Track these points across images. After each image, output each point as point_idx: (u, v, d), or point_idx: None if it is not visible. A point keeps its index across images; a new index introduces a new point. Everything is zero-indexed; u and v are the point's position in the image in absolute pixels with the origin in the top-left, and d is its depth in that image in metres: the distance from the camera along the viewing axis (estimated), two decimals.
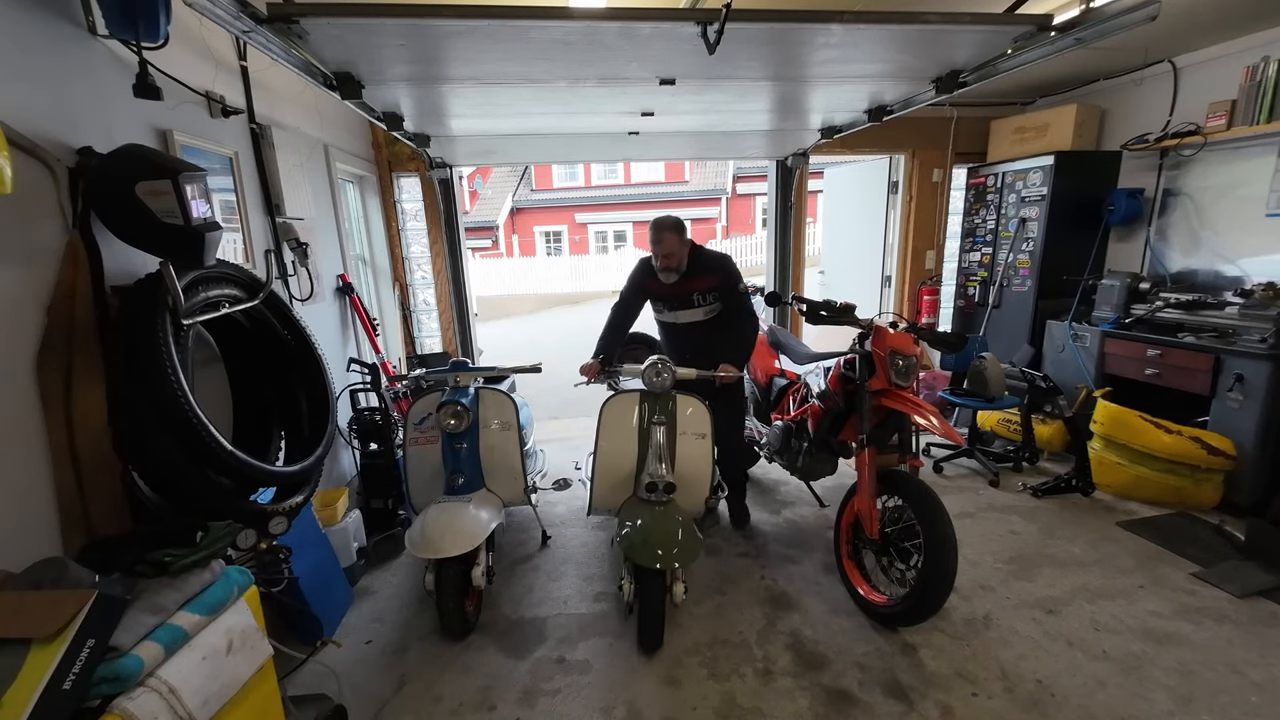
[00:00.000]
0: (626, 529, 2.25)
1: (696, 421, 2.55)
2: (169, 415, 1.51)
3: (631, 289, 3.02)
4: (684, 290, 2.90)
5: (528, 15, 1.76)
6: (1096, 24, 1.85)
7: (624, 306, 3.02)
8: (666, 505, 2.31)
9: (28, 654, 0.99)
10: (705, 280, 2.88)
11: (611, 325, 3.01)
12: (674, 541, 2.17)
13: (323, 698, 1.93)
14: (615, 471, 2.52)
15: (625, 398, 2.57)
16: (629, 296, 3.02)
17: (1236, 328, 3.15)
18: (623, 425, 2.54)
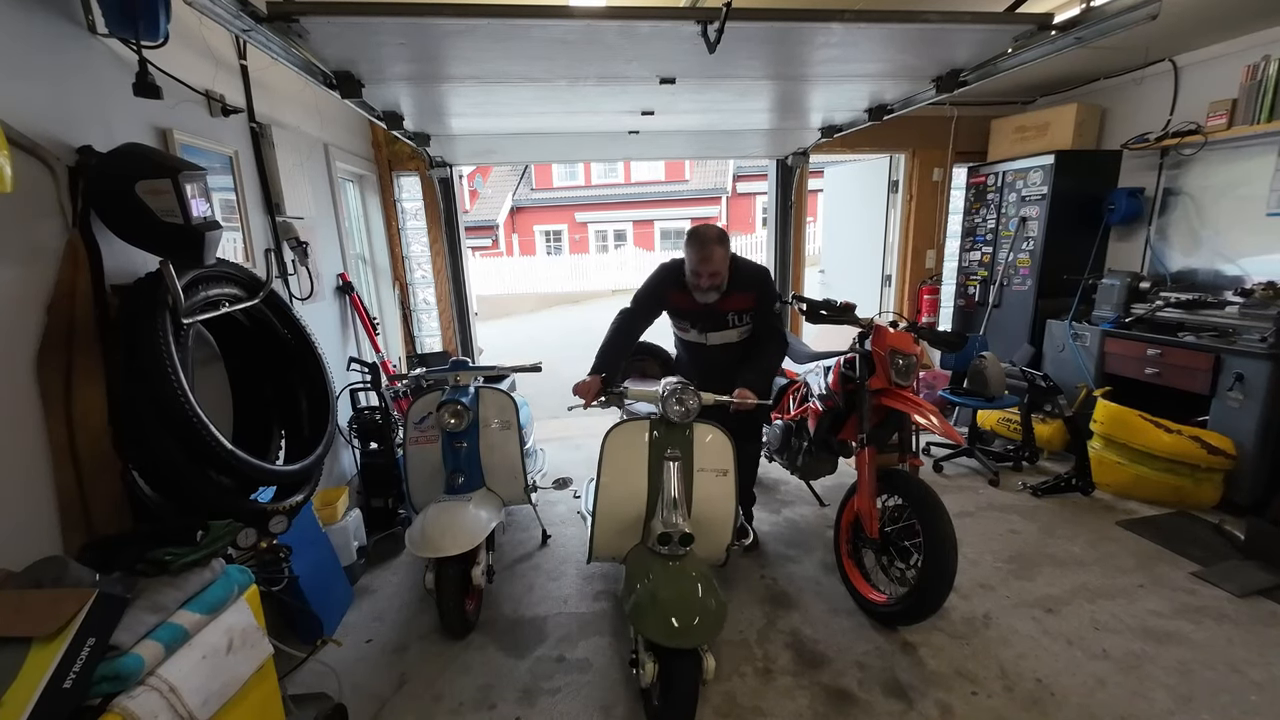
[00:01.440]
0: (635, 591, 1.86)
1: (717, 454, 2.13)
2: (169, 414, 1.51)
3: (649, 299, 2.56)
4: (719, 309, 2.50)
5: (528, 14, 1.75)
6: (1097, 23, 1.85)
7: (634, 317, 2.55)
8: (683, 560, 1.91)
9: (28, 653, 0.99)
10: (742, 298, 2.49)
11: (616, 337, 2.51)
12: (694, 608, 1.75)
13: (323, 696, 1.93)
14: (620, 514, 2.10)
15: (632, 426, 2.14)
16: (644, 306, 2.56)
17: (1237, 327, 3.15)
18: (629, 459, 2.10)
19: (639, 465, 2.10)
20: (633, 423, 2.16)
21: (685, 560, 1.92)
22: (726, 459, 2.13)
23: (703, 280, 2.37)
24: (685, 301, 2.51)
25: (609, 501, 2.11)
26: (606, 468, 2.13)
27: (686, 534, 1.89)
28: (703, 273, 2.35)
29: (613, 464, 2.13)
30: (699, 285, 2.39)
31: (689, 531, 1.90)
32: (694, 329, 2.61)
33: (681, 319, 2.63)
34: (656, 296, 2.56)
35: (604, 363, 2.44)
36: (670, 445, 2.05)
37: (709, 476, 2.11)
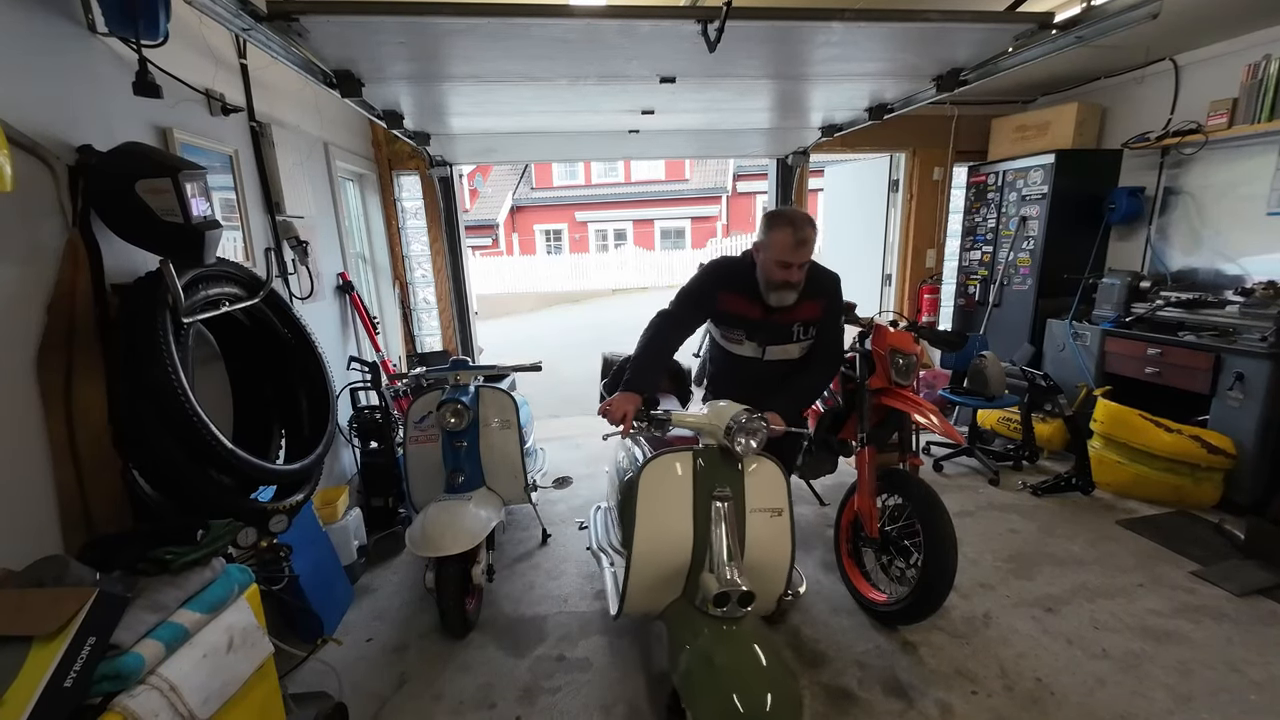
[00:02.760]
0: (686, 664, 1.54)
1: (771, 491, 1.80)
2: (169, 413, 1.51)
3: (696, 301, 2.15)
4: (785, 319, 2.12)
5: (528, 13, 1.75)
6: (1098, 22, 1.85)
7: (676, 322, 2.12)
8: (741, 623, 1.58)
9: (29, 652, 1.00)
10: (811, 306, 2.12)
11: (653, 346, 2.07)
12: (762, 685, 1.41)
13: (323, 695, 1.93)
14: (660, 564, 1.75)
15: (672, 459, 1.79)
16: (689, 310, 2.16)
17: (1237, 326, 3.15)
18: (670, 498, 1.75)
19: (682, 506, 1.74)
20: (673, 454, 1.79)
21: (744, 623, 1.58)
22: (781, 496, 1.80)
23: (792, 275, 1.97)
24: (742, 306, 2.11)
25: (647, 549, 1.74)
26: (644, 508, 1.75)
27: (748, 593, 1.55)
28: (794, 264, 1.95)
29: (651, 504, 1.75)
30: (782, 282, 1.99)
31: (750, 590, 1.55)
32: (750, 340, 2.18)
33: (734, 327, 2.19)
34: (706, 298, 2.14)
35: (640, 377, 1.97)
36: (719, 481, 1.70)
37: (762, 518, 1.77)
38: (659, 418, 1.82)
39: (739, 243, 16.79)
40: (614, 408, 1.85)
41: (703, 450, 1.77)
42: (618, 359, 3.01)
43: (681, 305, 2.16)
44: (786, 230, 1.94)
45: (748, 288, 2.10)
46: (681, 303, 2.16)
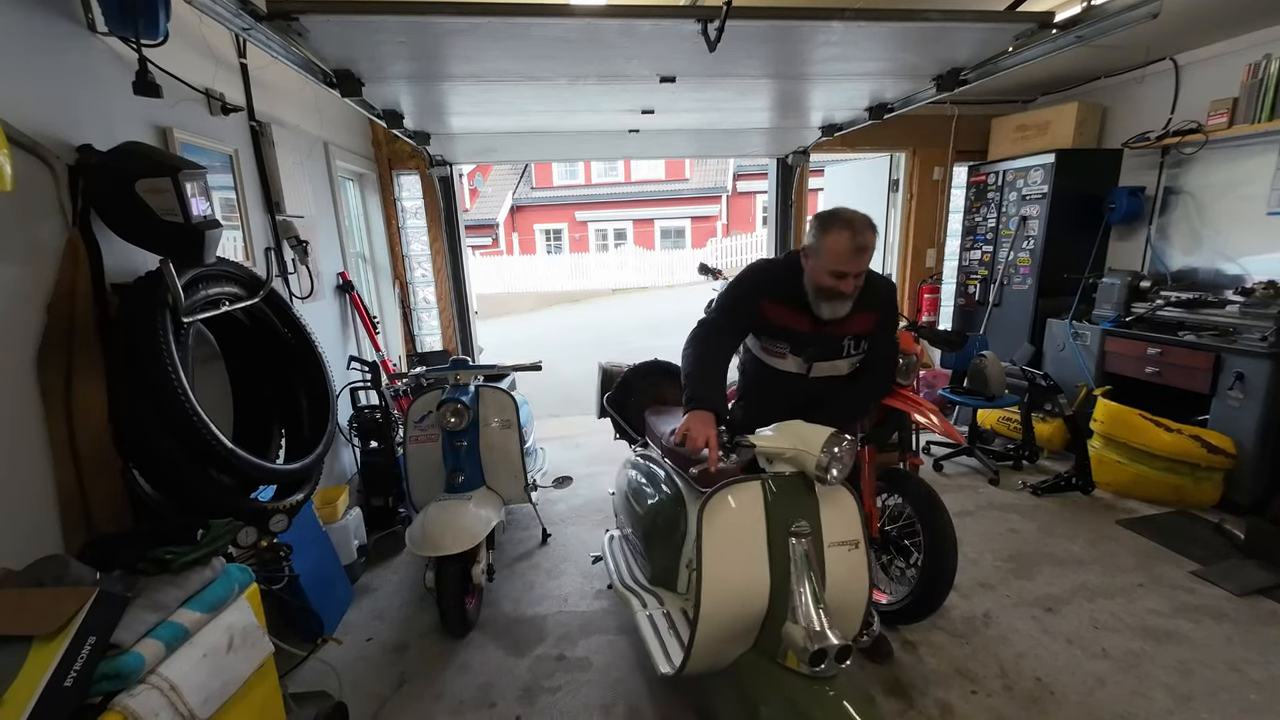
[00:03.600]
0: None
1: (847, 521, 1.58)
2: (169, 413, 1.51)
3: (741, 313, 1.90)
4: (836, 332, 1.90)
5: (528, 12, 1.75)
6: (1098, 21, 1.85)
7: (721, 330, 1.88)
8: (836, 683, 1.37)
9: (29, 651, 1.00)
10: (865, 319, 1.90)
11: (707, 358, 1.80)
12: None
13: (323, 695, 1.93)
14: (734, 616, 1.51)
15: (741, 492, 1.56)
16: (735, 319, 1.91)
17: (1237, 326, 3.15)
18: (742, 538, 1.52)
19: (755, 545, 1.51)
20: (738, 485, 1.56)
21: (839, 683, 1.37)
22: (856, 525, 1.59)
23: (846, 285, 1.74)
24: (788, 317, 1.88)
25: (718, 599, 1.50)
26: (711, 551, 1.51)
27: (845, 646, 1.36)
28: (850, 273, 1.72)
29: (719, 545, 1.51)
30: (834, 292, 1.76)
31: (848, 644, 1.36)
32: (795, 355, 1.94)
33: (778, 340, 1.95)
34: (747, 307, 1.89)
35: (705, 391, 1.67)
36: (794, 514, 1.50)
37: (839, 552, 1.56)
38: (743, 444, 1.54)
39: (739, 243, 16.78)
40: (692, 432, 1.54)
41: (772, 477, 1.54)
42: (618, 370, 2.80)
43: (727, 315, 1.90)
44: (844, 234, 1.68)
45: (794, 296, 1.85)
46: (727, 312, 1.90)
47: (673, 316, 10.89)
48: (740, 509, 1.54)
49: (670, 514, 2.07)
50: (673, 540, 2.03)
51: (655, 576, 2.11)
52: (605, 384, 2.82)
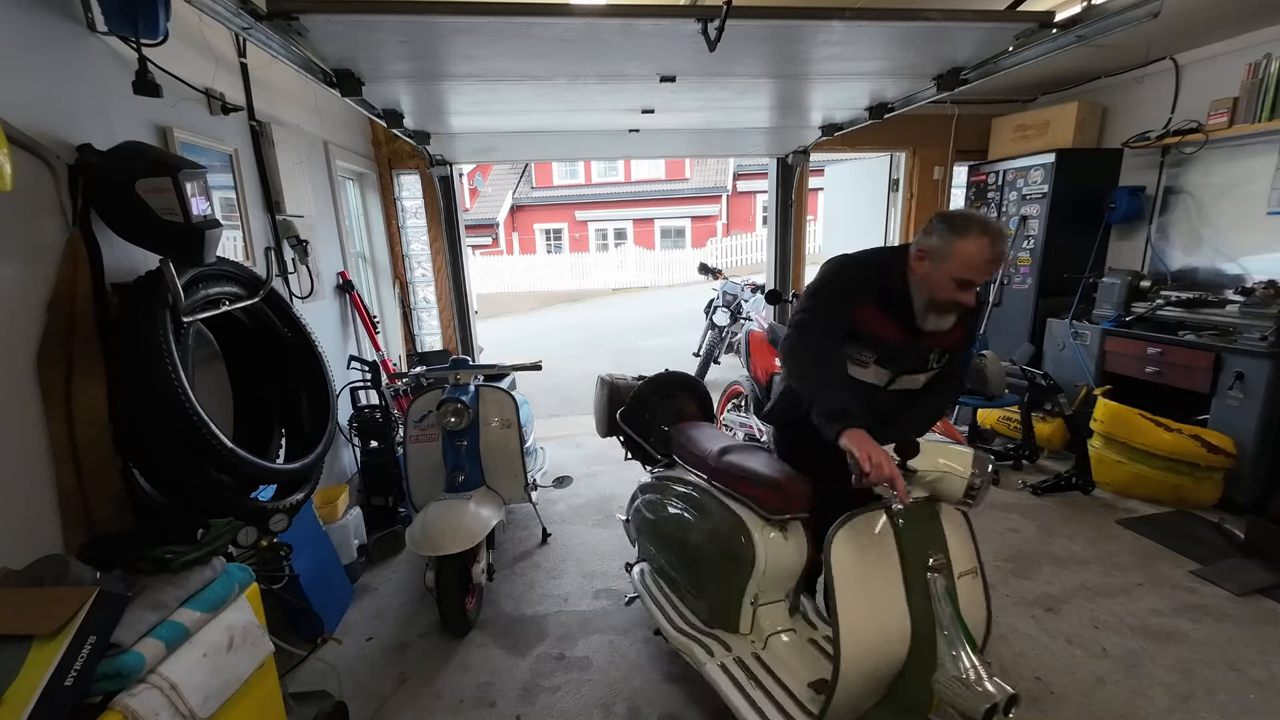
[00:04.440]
0: None
1: (966, 549, 1.46)
2: (169, 412, 1.51)
3: (836, 318, 1.67)
4: (929, 344, 1.74)
5: (528, 12, 1.75)
6: (1098, 21, 1.85)
7: (830, 337, 1.67)
8: None
9: (29, 651, 1.00)
10: (956, 331, 1.75)
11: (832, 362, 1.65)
12: None
13: (323, 694, 1.94)
14: (874, 669, 1.36)
15: (868, 524, 1.41)
16: (835, 323, 1.67)
17: (1237, 326, 3.15)
18: (875, 576, 1.37)
19: (891, 583, 1.35)
20: (865, 515, 1.42)
21: None
22: (971, 550, 1.46)
23: (970, 297, 1.58)
24: (881, 325, 1.68)
25: (859, 651, 1.33)
26: (844, 593, 1.35)
27: (1014, 695, 1.22)
28: (978, 281, 1.56)
29: (853, 585, 1.35)
30: (953, 303, 1.59)
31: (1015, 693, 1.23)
32: (879, 365, 1.75)
33: (864, 348, 1.74)
34: (845, 309, 1.68)
35: (854, 404, 1.49)
36: (926, 545, 1.37)
37: (965, 583, 1.41)
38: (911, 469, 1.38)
39: (739, 242, 16.77)
40: (875, 459, 1.33)
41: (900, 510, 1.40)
42: (624, 384, 2.53)
43: (820, 315, 1.66)
44: (981, 241, 1.50)
45: (891, 302, 1.67)
46: (818, 312, 1.66)
47: (673, 316, 10.90)
48: (871, 543, 1.38)
49: (728, 545, 1.77)
50: (734, 575, 1.76)
51: (712, 617, 1.84)
52: (613, 399, 2.50)
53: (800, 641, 1.77)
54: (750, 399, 3.59)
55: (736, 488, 1.83)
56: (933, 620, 1.31)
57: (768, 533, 1.71)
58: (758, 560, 1.69)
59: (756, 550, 1.70)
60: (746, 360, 3.75)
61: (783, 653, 1.73)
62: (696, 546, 1.93)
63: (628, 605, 2.47)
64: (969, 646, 1.26)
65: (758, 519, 1.75)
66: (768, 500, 1.69)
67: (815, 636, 1.79)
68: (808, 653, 1.73)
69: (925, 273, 1.59)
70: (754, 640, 1.78)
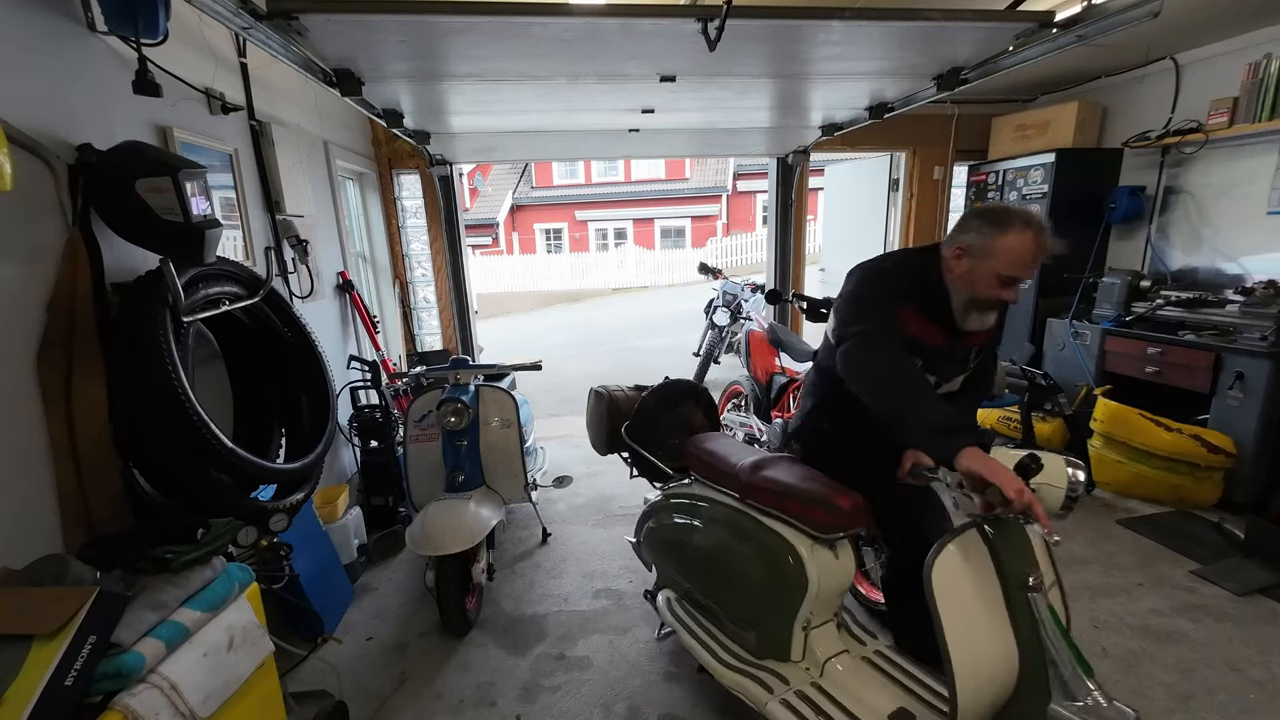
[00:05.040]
0: None
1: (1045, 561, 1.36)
2: (169, 412, 1.51)
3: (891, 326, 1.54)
4: (968, 344, 1.71)
5: (528, 11, 1.75)
6: (1098, 21, 1.85)
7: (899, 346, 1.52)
8: None
9: (29, 650, 1.00)
10: (993, 328, 1.74)
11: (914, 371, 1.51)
12: None
13: (324, 694, 1.94)
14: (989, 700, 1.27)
15: (962, 548, 1.31)
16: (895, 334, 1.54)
17: (1237, 326, 3.15)
18: (978, 601, 1.28)
19: (995, 606, 1.27)
20: (960, 539, 1.30)
21: None
22: (1048, 563, 1.36)
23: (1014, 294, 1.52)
24: (922, 328, 1.59)
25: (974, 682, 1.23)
26: (953, 623, 1.23)
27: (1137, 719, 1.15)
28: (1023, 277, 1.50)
29: (961, 614, 1.25)
30: (995, 300, 1.54)
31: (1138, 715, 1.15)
32: (924, 371, 1.65)
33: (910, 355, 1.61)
34: (892, 315, 1.57)
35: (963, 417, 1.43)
36: (1023, 564, 1.28)
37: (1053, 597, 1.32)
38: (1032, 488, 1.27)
39: (739, 242, 16.76)
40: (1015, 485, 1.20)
41: (988, 520, 1.31)
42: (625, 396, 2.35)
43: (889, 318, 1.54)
44: (1024, 235, 1.43)
45: (929, 304, 1.58)
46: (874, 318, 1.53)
47: (673, 316, 10.90)
48: (970, 567, 1.28)
49: (775, 568, 1.64)
50: (784, 600, 1.63)
51: (761, 647, 1.71)
52: (613, 414, 2.30)
53: (857, 664, 1.65)
54: (750, 399, 3.58)
55: (782, 507, 1.66)
56: (1039, 644, 1.22)
57: (818, 552, 1.59)
58: (810, 583, 1.56)
59: (808, 572, 1.57)
60: (746, 360, 3.75)
61: (845, 680, 1.61)
62: (736, 571, 1.77)
63: (661, 640, 2.25)
64: (1083, 670, 1.18)
65: (805, 538, 1.62)
66: (819, 518, 1.57)
67: (867, 654, 1.68)
68: (871, 677, 1.61)
69: (964, 271, 1.53)
70: (809, 668, 1.65)
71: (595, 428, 2.38)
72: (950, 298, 1.58)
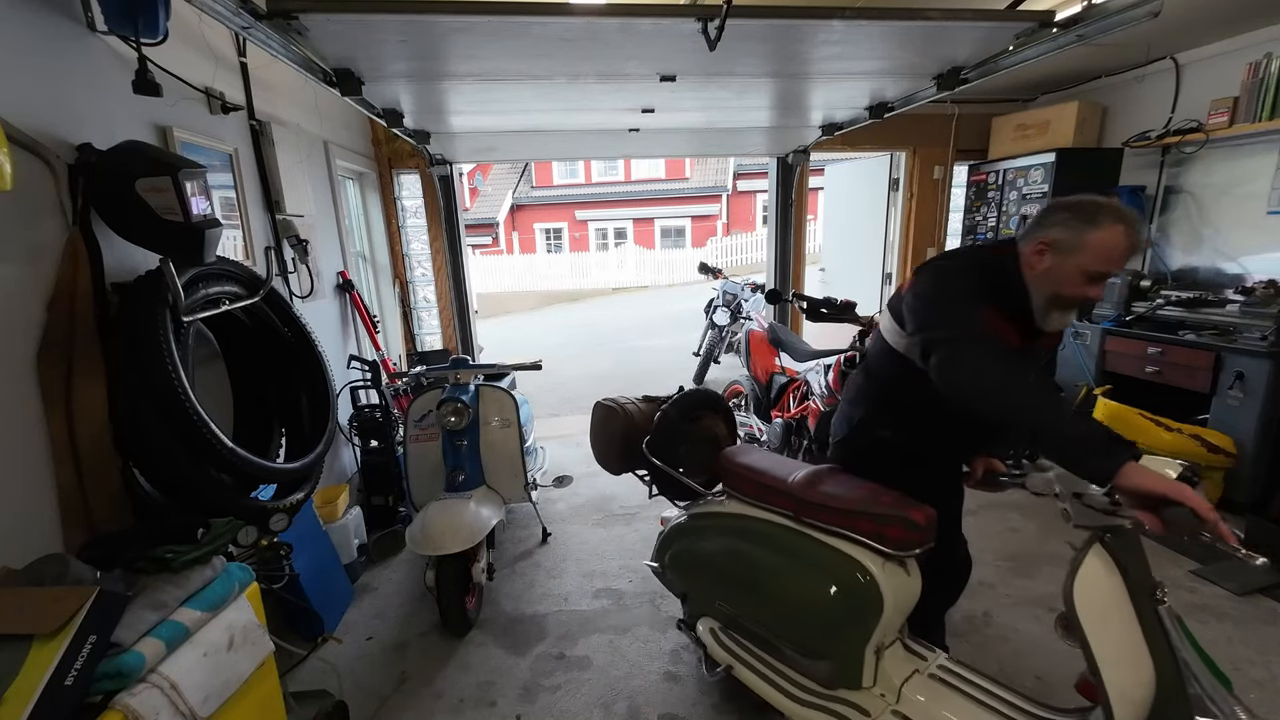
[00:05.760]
0: None
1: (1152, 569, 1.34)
2: (169, 412, 1.51)
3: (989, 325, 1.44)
4: (1046, 344, 1.67)
5: (528, 11, 1.75)
6: (1098, 20, 1.85)
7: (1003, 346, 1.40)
8: None
9: (30, 650, 1.00)
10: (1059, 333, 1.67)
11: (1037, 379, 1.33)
12: None
13: (324, 694, 1.94)
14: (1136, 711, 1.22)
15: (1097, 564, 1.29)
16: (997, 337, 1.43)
17: (1237, 325, 3.15)
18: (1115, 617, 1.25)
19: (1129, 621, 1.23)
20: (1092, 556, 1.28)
21: None
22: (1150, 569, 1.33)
23: (1100, 291, 1.44)
24: (1003, 329, 1.49)
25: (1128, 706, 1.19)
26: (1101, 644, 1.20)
27: None
28: (1113, 273, 1.43)
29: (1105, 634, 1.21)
30: (1081, 299, 1.47)
31: None
32: None
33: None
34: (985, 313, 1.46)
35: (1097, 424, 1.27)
36: (1148, 575, 1.24)
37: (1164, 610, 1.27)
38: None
39: (739, 242, 16.76)
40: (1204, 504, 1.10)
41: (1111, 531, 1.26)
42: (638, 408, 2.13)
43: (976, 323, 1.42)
44: (1116, 230, 1.35)
45: (1008, 303, 1.50)
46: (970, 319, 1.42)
47: (674, 316, 10.89)
48: (1102, 580, 1.24)
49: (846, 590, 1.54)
50: (858, 624, 1.53)
51: (832, 676, 1.60)
52: (628, 429, 2.05)
53: (931, 684, 1.56)
54: (750, 398, 3.59)
55: (851, 525, 1.56)
56: (1173, 657, 1.16)
57: (890, 570, 1.51)
58: (886, 603, 1.48)
59: (883, 592, 1.48)
60: (746, 360, 3.76)
61: (927, 705, 1.51)
62: (798, 596, 1.64)
63: (714, 678, 1.93)
64: (1223, 684, 1.13)
65: (875, 556, 1.53)
66: (894, 535, 1.49)
67: (933, 670, 1.59)
68: (949, 697, 1.51)
69: (1047, 268, 1.45)
70: (883, 694, 1.55)
71: (606, 445, 2.12)
72: (1030, 296, 1.50)
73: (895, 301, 1.64)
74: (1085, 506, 1.25)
